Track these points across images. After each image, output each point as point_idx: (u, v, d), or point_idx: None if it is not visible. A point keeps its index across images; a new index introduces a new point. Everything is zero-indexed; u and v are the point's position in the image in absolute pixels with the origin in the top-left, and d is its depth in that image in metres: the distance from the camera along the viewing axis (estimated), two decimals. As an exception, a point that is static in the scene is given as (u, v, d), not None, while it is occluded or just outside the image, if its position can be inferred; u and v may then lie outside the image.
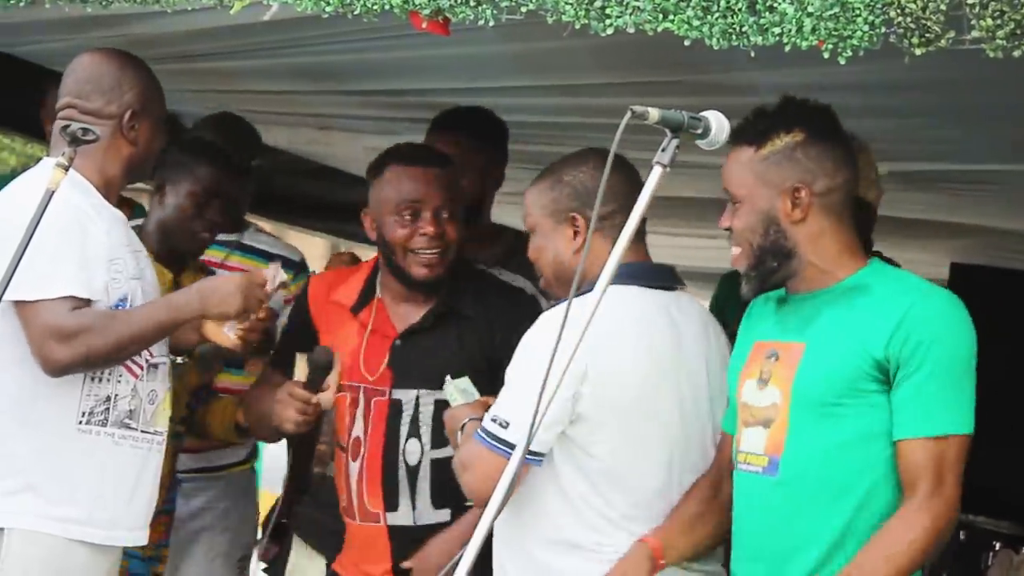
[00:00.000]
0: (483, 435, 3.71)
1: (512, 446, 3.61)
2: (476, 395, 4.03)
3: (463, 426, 3.91)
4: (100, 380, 3.97)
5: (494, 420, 3.70)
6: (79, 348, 3.86)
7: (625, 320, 3.72)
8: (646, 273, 3.85)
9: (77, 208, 3.92)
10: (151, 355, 4.07)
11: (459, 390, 4.04)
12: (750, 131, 3.54)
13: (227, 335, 4.15)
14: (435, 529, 4.29)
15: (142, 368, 4.04)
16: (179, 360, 4.28)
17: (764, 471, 3.50)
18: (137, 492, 4.05)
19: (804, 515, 3.43)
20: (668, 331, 3.81)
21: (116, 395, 3.99)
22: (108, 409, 3.98)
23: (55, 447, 3.94)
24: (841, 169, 3.50)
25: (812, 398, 3.43)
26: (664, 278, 3.90)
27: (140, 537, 4.10)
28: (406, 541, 4.32)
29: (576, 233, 3.83)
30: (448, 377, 4.09)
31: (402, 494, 4.32)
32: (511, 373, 3.77)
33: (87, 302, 3.91)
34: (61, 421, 3.94)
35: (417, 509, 4.32)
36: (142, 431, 4.04)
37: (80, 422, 3.95)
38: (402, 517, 4.33)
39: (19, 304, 3.87)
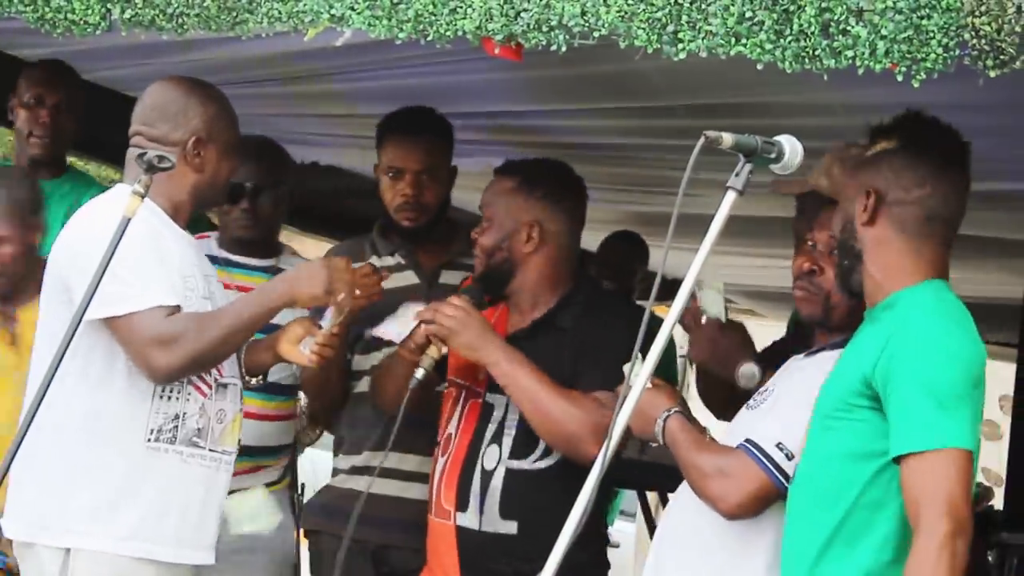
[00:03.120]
0: (760, 456, 3.69)
1: (788, 477, 3.64)
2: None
3: (665, 419, 3.86)
4: (169, 398, 3.99)
5: (779, 448, 3.67)
6: (181, 352, 3.88)
7: None
8: None
9: (149, 223, 3.95)
10: (220, 375, 4.09)
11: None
12: (872, 132, 3.59)
13: (303, 353, 4.16)
14: (500, 539, 4.32)
15: (210, 387, 4.06)
16: (253, 382, 4.30)
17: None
18: (205, 510, 4.07)
19: (800, 525, 3.49)
20: None
21: (184, 413, 4.00)
22: (177, 427, 3.99)
23: (123, 464, 3.96)
24: (921, 186, 3.48)
25: (820, 410, 3.50)
26: None
27: (208, 556, 4.10)
28: (471, 545, 4.36)
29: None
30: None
31: (472, 496, 4.36)
32: (802, 400, 3.69)
33: (177, 308, 3.94)
34: (130, 438, 3.96)
35: (484, 514, 4.35)
36: (210, 450, 4.05)
37: (149, 439, 3.97)
38: (469, 519, 4.37)
39: (111, 321, 3.90)
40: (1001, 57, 2.98)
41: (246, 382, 4.23)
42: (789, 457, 3.66)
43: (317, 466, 6.68)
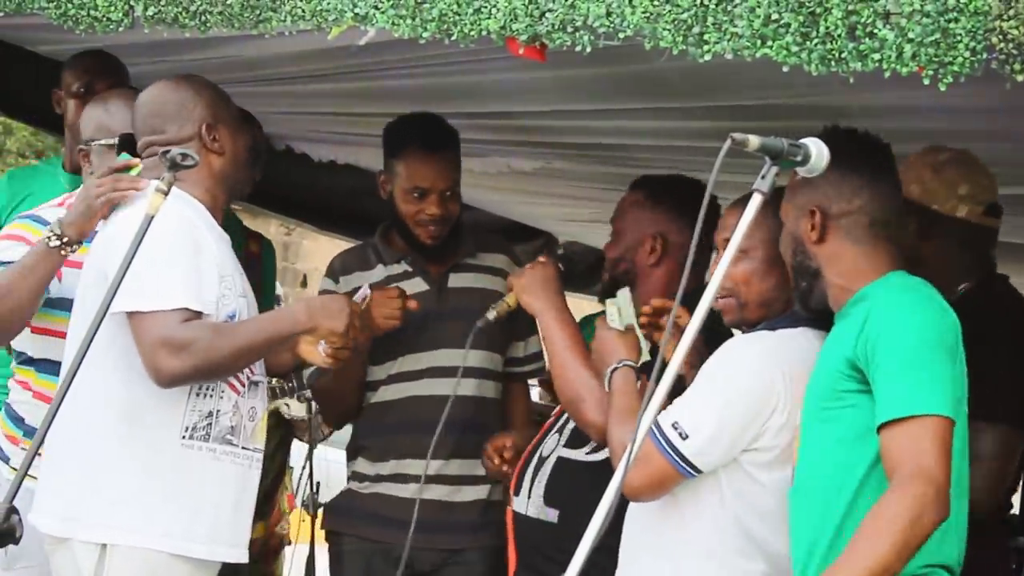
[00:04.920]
0: (659, 436, 3.70)
1: (685, 459, 3.67)
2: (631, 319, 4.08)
3: (614, 370, 3.95)
4: (203, 395, 4.01)
5: (675, 427, 3.69)
6: (190, 360, 3.89)
7: (810, 366, 3.68)
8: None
9: (190, 222, 3.98)
10: (252, 373, 4.11)
11: (617, 308, 4.07)
12: None
13: (320, 353, 4.19)
14: (542, 525, 4.35)
15: (243, 385, 4.08)
16: (274, 382, 4.31)
17: (791, 483, 3.61)
18: (238, 508, 4.09)
19: (808, 517, 3.50)
20: None
21: (218, 411, 4.02)
22: (211, 424, 4.01)
23: (158, 461, 3.97)
24: (859, 194, 3.59)
25: (810, 406, 3.55)
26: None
27: (241, 554, 4.12)
28: (522, 529, 4.42)
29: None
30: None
31: (525, 481, 4.41)
32: (705, 382, 3.75)
33: (198, 315, 3.95)
34: (165, 435, 3.98)
35: (531, 499, 4.39)
36: (243, 447, 4.08)
37: (183, 437, 3.98)
38: (520, 503, 4.42)
39: (132, 315, 3.90)
40: (1029, 61, 2.97)
41: (268, 383, 4.24)
42: (683, 436, 3.66)
43: (331, 464, 6.69)
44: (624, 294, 4.17)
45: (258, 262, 5.46)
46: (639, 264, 4.46)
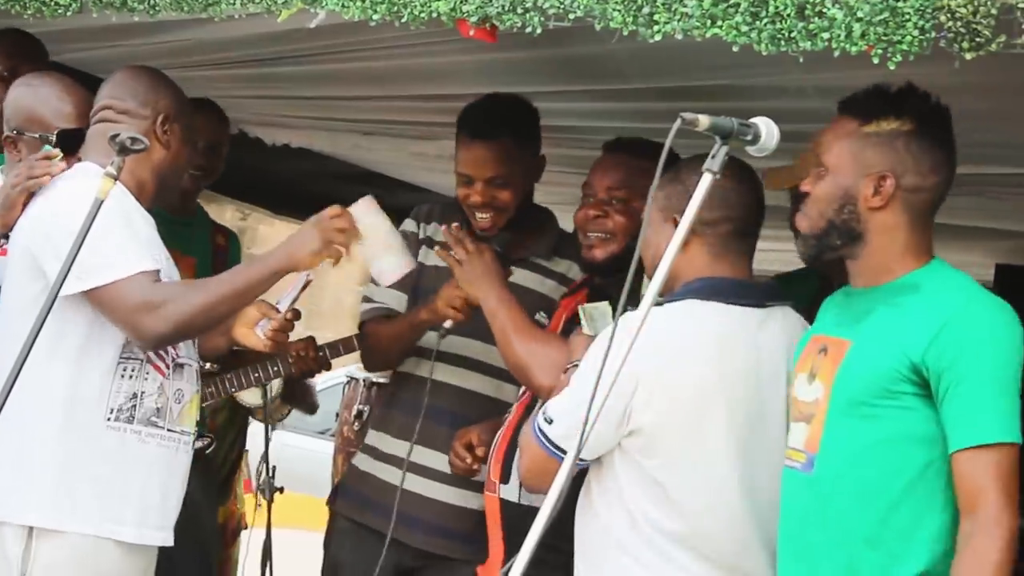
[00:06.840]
0: (534, 423, 3.73)
1: (552, 442, 3.69)
2: (606, 323, 4.02)
3: (566, 369, 3.96)
4: (128, 377, 4.01)
5: (543, 412, 3.73)
6: (170, 316, 3.89)
7: (695, 336, 3.68)
8: (731, 289, 3.77)
9: (120, 201, 3.97)
10: (177, 355, 4.10)
11: (587, 316, 4.07)
12: (861, 105, 3.53)
13: (257, 336, 4.16)
14: (535, 513, 4.31)
15: (168, 367, 4.08)
16: (208, 366, 4.30)
17: (802, 467, 3.50)
18: (166, 491, 4.09)
19: (836, 514, 3.41)
20: (744, 350, 3.74)
21: (143, 392, 4.03)
22: (135, 406, 4.01)
23: (84, 444, 3.97)
24: (937, 172, 3.47)
25: (849, 397, 3.41)
26: (753, 295, 3.82)
27: (168, 537, 4.12)
28: (512, 517, 4.36)
29: None
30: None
31: (515, 469, 4.35)
32: (579, 368, 3.77)
33: (157, 273, 3.96)
34: (90, 418, 3.98)
35: (523, 487, 4.33)
36: (168, 429, 4.08)
37: (108, 419, 3.99)
38: (511, 491, 4.38)
39: (95, 292, 3.90)
40: (977, 39, 2.97)
41: (200, 366, 4.23)
42: (549, 421, 3.70)
43: (287, 448, 6.68)
44: (605, 306, 4.12)
45: (225, 254, 5.48)
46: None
